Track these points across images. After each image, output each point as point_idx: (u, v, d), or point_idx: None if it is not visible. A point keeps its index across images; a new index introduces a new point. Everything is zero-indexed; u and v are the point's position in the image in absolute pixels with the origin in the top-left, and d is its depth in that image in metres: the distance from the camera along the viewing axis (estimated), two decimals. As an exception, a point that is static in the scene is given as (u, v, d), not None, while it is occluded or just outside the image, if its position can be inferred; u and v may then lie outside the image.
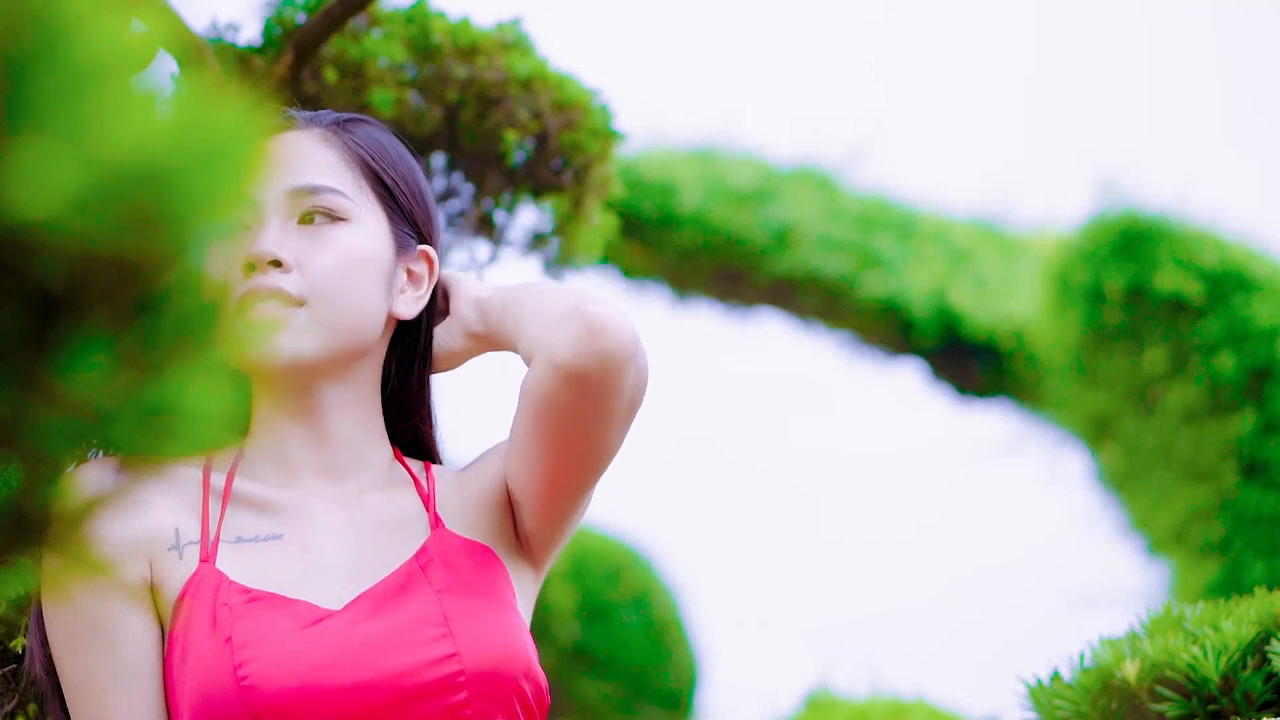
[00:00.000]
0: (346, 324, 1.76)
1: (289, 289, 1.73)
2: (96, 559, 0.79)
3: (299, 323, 1.74)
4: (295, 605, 1.68)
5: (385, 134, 1.88)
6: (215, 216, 0.76)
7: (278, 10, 2.38)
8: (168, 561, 1.70)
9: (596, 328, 1.67)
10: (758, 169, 7.69)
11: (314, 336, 1.74)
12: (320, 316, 1.75)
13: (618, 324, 1.68)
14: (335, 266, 1.76)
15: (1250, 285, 6.02)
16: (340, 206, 1.78)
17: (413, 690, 1.65)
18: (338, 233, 1.77)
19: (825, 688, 4.23)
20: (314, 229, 1.77)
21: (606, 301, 1.70)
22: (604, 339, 1.67)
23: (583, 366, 1.66)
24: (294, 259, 1.74)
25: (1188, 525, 6.07)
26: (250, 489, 1.76)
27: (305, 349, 1.74)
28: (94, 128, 0.72)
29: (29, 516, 0.78)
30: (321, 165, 1.80)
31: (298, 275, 1.74)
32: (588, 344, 1.66)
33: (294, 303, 1.73)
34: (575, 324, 1.68)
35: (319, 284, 1.75)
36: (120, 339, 0.75)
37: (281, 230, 1.76)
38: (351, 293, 1.76)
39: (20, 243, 0.71)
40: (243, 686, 1.61)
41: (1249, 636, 1.81)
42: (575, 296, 1.71)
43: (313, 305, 1.74)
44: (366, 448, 1.81)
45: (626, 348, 1.68)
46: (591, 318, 1.67)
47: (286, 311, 1.73)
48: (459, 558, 1.75)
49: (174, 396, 0.76)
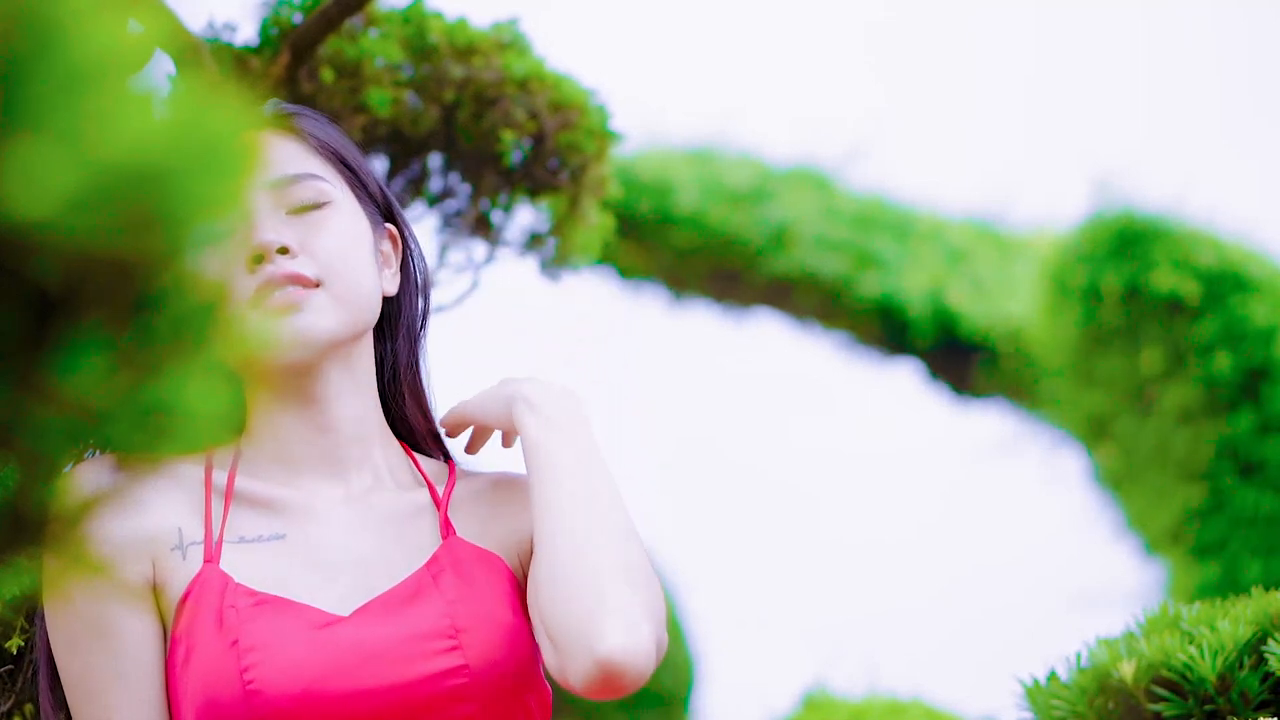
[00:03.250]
0: (359, 300, 1.78)
1: (305, 272, 1.74)
2: (95, 559, 0.79)
3: (319, 303, 1.74)
4: (303, 610, 1.67)
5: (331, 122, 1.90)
6: (212, 216, 0.76)
7: (274, 10, 2.38)
8: (171, 561, 1.70)
9: (614, 677, 1.58)
10: (755, 169, 7.69)
11: (334, 314, 1.75)
12: (338, 294, 1.76)
13: (636, 671, 1.59)
14: (338, 246, 1.77)
15: (1247, 285, 6.02)
16: (324, 191, 1.79)
17: (420, 701, 1.64)
18: (327, 216, 1.79)
19: (822, 688, 4.23)
20: (304, 216, 1.78)
21: (628, 643, 1.59)
22: (619, 683, 1.59)
23: (596, 695, 1.60)
24: (298, 244, 1.75)
25: (1184, 525, 6.07)
26: (253, 487, 1.76)
27: (330, 326, 1.75)
28: (91, 128, 0.72)
29: (26, 516, 0.78)
30: (294, 155, 1.81)
31: (306, 259, 1.75)
32: (601, 686, 1.59)
33: (312, 284, 1.74)
34: (591, 668, 1.58)
35: (330, 263, 1.76)
36: (117, 339, 0.75)
37: (275, 221, 1.76)
38: (358, 270, 1.78)
39: (17, 243, 0.71)
40: (248, 691, 1.61)
41: (1246, 636, 1.81)
42: (600, 614, 1.59)
43: (329, 284, 1.75)
44: (369, 442, 1.81)
45: (641, 682, 1.60)
46: (610, 672, 1.58)
47: (307, 293, 1.74)
48: (470, 567, 1.74)
49: (171, 396, 0.76)
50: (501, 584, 1.74)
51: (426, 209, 2.61)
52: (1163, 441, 6.11)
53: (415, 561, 1.75)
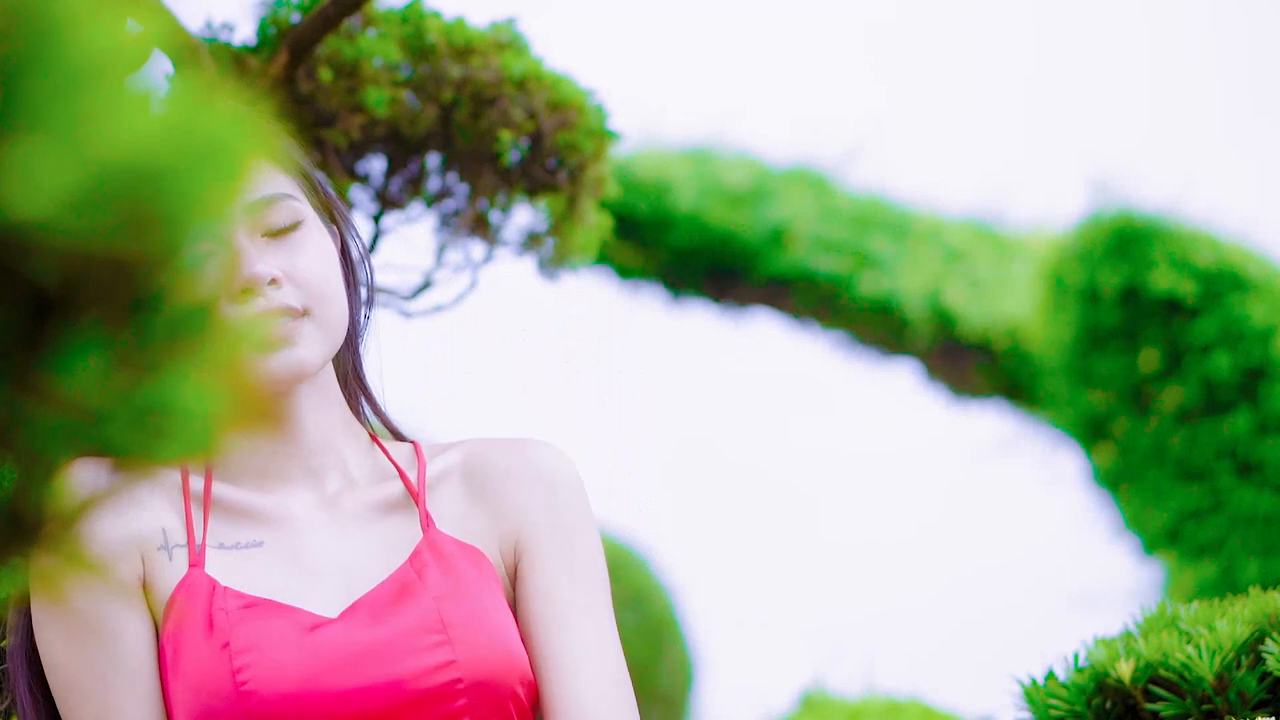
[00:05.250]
0: (339, 323, 1.76)
1: (293, 302, 1.72)
2: (90, 558, 0.79)
3: (308, 333, 1.73)
4: (293, 612, 1.67)
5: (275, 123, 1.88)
6: (210, 216, 0.76)
7: (272, 10, 2.38)
8: (158, 562, 1.70)
9: None
10: (752, 169, 7.70)
11: (321, 344, 1.74)
12: (322, 321, 1.74)
13: None
14: (319, 270, 1.76)
15: (1244, 285, 6.03)
16: (298, 211, 1.77)
17: (411, 698, 1.65)
18: (303, 237, 1.77)
19: (820, 687, 4.23)
20: (281, 239, 1.76)
21: None
22: None
23: None
24: (281, 271, 1.74)
25: (1182, 525, 6.08)
26: (229, 494, 1.75)
27: (318, 357, 1.74)
28: (88, 127, 0.72)
29: (23, 516, 0.78)
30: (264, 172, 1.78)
31: (291, 287, 1.74)
32: None
33: (300, 314, 1.73)
34: None
35: (312, 289, 1.74)
36: (115, 339, 0.75)
37: (254, 246, 1.75)
38: (336, 293, 1.77)
39: (14, 242, 0.71)
40: (242, 693, 1.61)
41: (1243, 636, 1.81)
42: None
43: (314, 312, 1.74)
44: (337, 444, 1.80)
45: None
46: None
47: (296, 325, 1.72)
48: (453, 561, 1.75)
49: (169, 396, 0.76)
50: (485, 579, 1.74)
51: (424, 209, 2.61)
52: (1161, 441, 6.12)
53: (395, 558, 1.75)
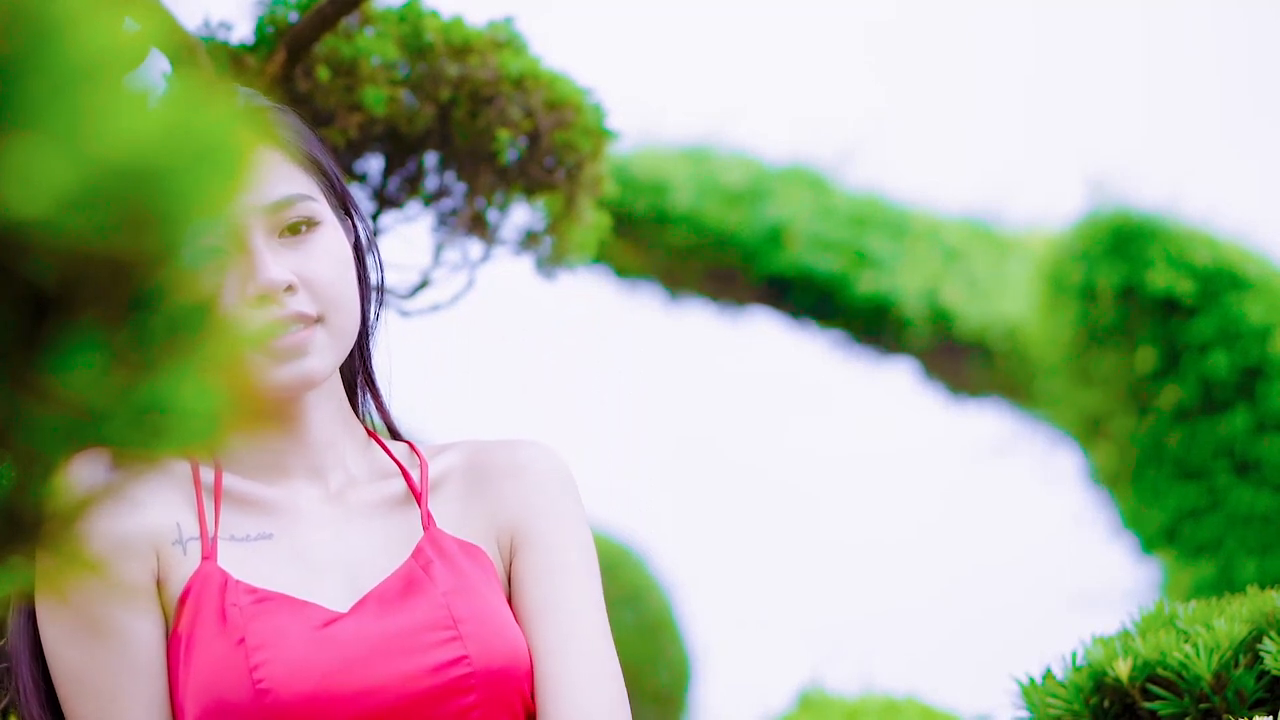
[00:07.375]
0: (352, 329, 1.75)
1: (307, 310, 1.71)
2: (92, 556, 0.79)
3: (321, 341, 1.72)
4: (305, 607, 1.67)
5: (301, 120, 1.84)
6: (208, 215, 0.76)
7: (270, 9, 2.38)
8: (173, 556, 1.69)
9: None
10: (750, 168, 7.70)
11: (333, 352, 1.73)
12: (335, 328, 1.73)
13: None
14: (333, 274, 1.74)
15: (1242, 284, 6.03)
16: (315, 212, 1.75)
17: (424, 693, 1.65)
18: (320, 238, 1.75)
19: (818, 686, 4.23)
20: (296, 239, 1.74)
21: None
22: None
23: None
24: (295, 275, 1.72)
25: (1180, 524, 6.08)
26: (240, 486, 1.75)
27: (329, 366, 1.73)
28: (86, 126, 0.72)
29: (22, 515, 0.78)
30: (280, 171, 1.75)
31: (305, 293, 1.72)
32: None
33: (313, 321, 1.71)
34: None
35: (327, 295, 1.72)
36: (113, 337, 0.75)
37: (269, 249, 1.72)
38: (350, 295, 1.75)
39: (12, 241, 0.71)
40: (259, 690, 1.61)
41: (1241, 635, 1.82)
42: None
43: (328, 318, 1.72)
44: (341, 442, 1.80)
45: None
46: None
47: (310, 333, 1.71)
48: (455, 559, 1.75)
49: (167, 394, 0.76)
50: (486, 576, 1.75)
51: (422, 208, 2.61)
52: (1158, 440, 6.12)
53: (399, 553, 1.75)
